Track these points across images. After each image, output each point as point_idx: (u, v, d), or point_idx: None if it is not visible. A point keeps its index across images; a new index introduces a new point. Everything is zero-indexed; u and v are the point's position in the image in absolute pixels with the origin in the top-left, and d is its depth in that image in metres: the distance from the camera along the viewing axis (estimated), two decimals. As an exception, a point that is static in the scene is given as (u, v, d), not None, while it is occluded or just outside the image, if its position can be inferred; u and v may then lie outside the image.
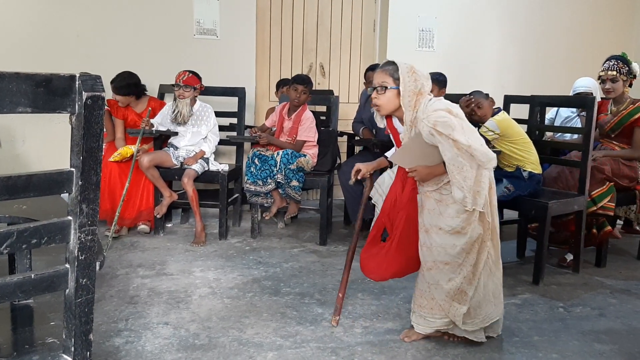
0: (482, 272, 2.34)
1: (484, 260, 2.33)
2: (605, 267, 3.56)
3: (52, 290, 1.10)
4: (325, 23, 5.26)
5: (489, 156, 2.23)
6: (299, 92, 3.91)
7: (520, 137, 3.36)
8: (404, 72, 2.29)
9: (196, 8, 4.75)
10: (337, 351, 2.33)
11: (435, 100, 2.29)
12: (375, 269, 2.45)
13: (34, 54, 4.36)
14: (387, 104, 2.35)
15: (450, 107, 2.26)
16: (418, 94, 2.29)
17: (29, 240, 1.05)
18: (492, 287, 2.40)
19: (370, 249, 2.49)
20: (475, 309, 2.36)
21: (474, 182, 2.22)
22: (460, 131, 2.20)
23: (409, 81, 2.28)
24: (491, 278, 2.39)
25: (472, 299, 2.34)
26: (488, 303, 2.38)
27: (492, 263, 2.38)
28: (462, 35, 5.46)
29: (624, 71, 3.48)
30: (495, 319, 2.42)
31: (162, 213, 3.92)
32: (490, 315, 2.39)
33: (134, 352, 2.26)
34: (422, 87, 2.30)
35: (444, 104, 2.27)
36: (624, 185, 3.52)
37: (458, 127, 2.20)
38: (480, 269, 2.33)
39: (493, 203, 2.34)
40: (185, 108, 3.93)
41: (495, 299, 2.40)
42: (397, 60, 2.36)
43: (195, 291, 2.95)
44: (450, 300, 2.34)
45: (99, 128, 1.07)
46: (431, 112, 2.23)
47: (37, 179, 1.04)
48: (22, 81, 0.97)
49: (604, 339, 2.53)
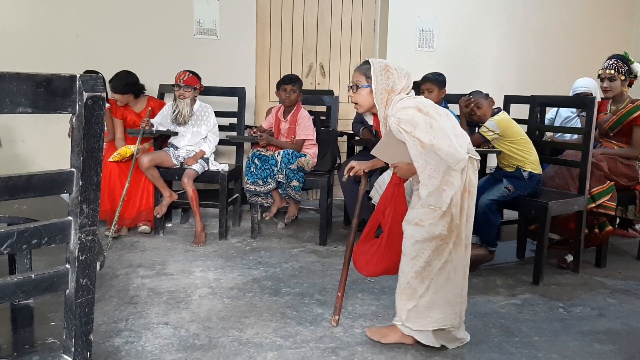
0: (438, 274, 2.29)
1: (441, 262, 2.28)
2: (605, 268, 3.56)
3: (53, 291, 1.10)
4: (325, 23, 5.26)
5: (456, 157, 2.20)
6: (288, 91, 3.92)
7: (520, 137, 3.36)
8: (376, 70, 2.34)
9: (196, 8, 4.75)
10: (337, 351, 2.33)
11: (408, 98, 2.31)
12: (366, 265, 2.48)
13: (34, 54, 4.36)
14: (362, 101, 2.40)
15: (422, 105, 2.27)
16: (390, 92, 2.33)
17: (29, 240, 1.05)
18: (448, 294, 2.31)
19: (363, 245, 2.52)
20: (424, 309, 2.31)
21: (441, 182, 2.22)
22: (425, 129, 2.21)
23: (381, 79, 2.32)
24: (449, 284, 2.31)
25: (422, 298, 2.30)
26: (439, 308, 2.31)
27: (453, 269, 2.31)
28: (462, 35, 5.46)
29: (623, 70, 3.48)
30: (445, 327, 2.33)
31: (162, 213, 3.92)
32: (439, 321, 2.31)
33: (134, 352, 2.26)
34: (394, 85, 2.33)
35: (414, 102, 2.28)
36: (624, 185, 3.52)
37: (422, 125, 2.21)
38: (434, 269, 2.28)
39: (467, 210, 2.30)
40: (186, 108, 3.93)
41: (449, 307, 2.32)
42: (373, 59, 2.40)
43: (195, 291, 2.95)
44: (401, 293, 2.34)
45: (99, 128, 1.07)
46: (399, 109, 2.27)
47: (38, 179, 1.04)
48: (23, 81, 0.97)
49: (603, 339, 2.53)
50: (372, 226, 2.53)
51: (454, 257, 2.31)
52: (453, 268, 2.32)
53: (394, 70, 2.34)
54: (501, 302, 2.95)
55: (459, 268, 2.34)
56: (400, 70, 2.36)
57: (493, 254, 3.39)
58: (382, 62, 2.38)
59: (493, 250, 3.37)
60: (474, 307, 2.85)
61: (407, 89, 2.36)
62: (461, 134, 2.31)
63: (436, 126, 2.23)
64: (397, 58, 5.21)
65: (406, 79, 2.36)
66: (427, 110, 2.26)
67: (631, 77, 3.54)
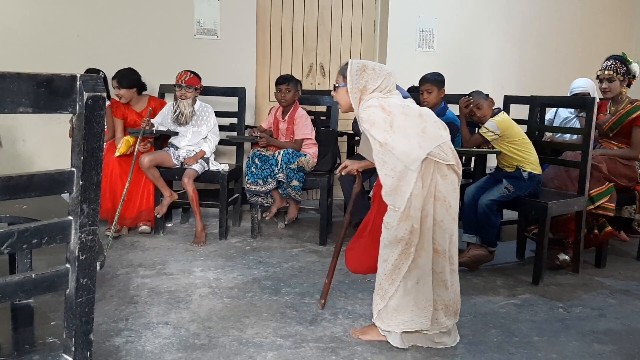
0: (406, 278, 2.29)
1: (407, 265, 2.28)
2: (605, 268, 3.56)
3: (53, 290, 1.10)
4: (325, 23, 5.27)
5: (410, 156, 2.20)
6: (283, 91, 3.93)
7: (520, 137, 3.36)
8: (352, 70, 2.38)
9: (197, 8, 4.75)
10: (337, 351, 2.34)
11: (376, 98, 2.33)
12: (353, 261, 2.53)
13: (35, 54, 4.36)
14: (341, 100, 2.46)
15: (386, 104, 2.29)
16: (362, 91, 2.37)
17: (29, 240, 1.05)
18: (418, 297, 2.31)
19: (355, 242, 2.56)
20: (392, 311, 2.33)
21: (397, 181, 2.23)
22: (382, 128, 2.23)
23: (356, 79, 2.36)
24: (418, 288, 2.31)
25: (391, 300, 2.32)
26: (407, 310, 2.32)
27: (422, 274, 2.30)
28: (462, 35, 5.46)
29: (621, 71, 3.49)
30: (413, 329, 2.33)
31: (162, 213, 3.92)
32: (406, 323, 2.32)
33: (134, 352, 2.27)
34: (366, 84, 2.36)
35: (378, 101, 2.31)
36: (623, 185, 3.52)
37: (380, 124, 2.24)
38: (402, 272, 2.29)
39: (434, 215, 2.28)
40: (188, 108, 3.94)
41: (419, 310, 2.31)
42: (353, 60, 2.45)
43: (195, 291, 2.96)
44: (375, 293, 2.38)
45: (100, 128, 1.07)
46: (364, 108, 2.32)
47: (38, 179, 1.04)
48: (24, 81, 0.98)
49: (603, 340, 2.53)
50: (366, 224, 2.55)
51: (420, 263, 2.29)
52: (422, 273, 2.30)
53: (371, 70, 2.37)
54: (501, 302, 2.95)
55: (427, 273, 2.31)
56: (380, 70, 2.39)
57: (493, 254, 3.39)
58: (360, 62, 2.41)
59: (493, 250, 3.38)
60: (474, 307, 2.85)
61: (383, 89, 2.37)
62: (431, 136, 2.26)
63: (397, 125, 2.24)
64: (397, 58, 5.21)
65: (383, 79, 2.37)
66: (390, 109, 2.28)
67: (630, 78, 3.54)
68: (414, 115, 2.30)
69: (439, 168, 2.27)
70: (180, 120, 3.94)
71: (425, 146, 2.23)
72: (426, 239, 2.28)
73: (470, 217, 3.36)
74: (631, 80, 3.56)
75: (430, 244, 2.29)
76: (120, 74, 4.03)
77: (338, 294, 2.96)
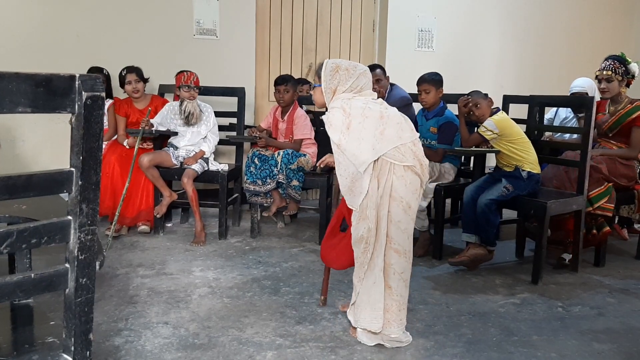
0: (366, 277, 2.36)
1: (366, 263, 2.34)
2: (604, 267, 3.57)
3: (52, 290, 1.10)
4: (324, 23, 5.27)
5: (359, 159, 2.25)
6: (282, 92, 3.93)
7: (519, 136, 3.36)
8: (326, 70, 2.43)
9: (196, 8, 4.75)
10: (337, 350, 2.34)
11: (342, 99, 2.37)
12: (336, 258, 2.55)
13: (34, 54, 4.36)
14: (318, 100, 2.51)
15: (347, 106, 2.33)
16: (334, 91, 2.42)
17: (28, 240, 1.05)
18: (371, 298, 2.35)
19: (331, 239, 2.57)
20: (357, 308, 2.42)
21: (350, 181, 2.30)
22: (339, 129, 2.30)
23: (329, 79, 2.42)
24: (375, 288, 2.35)
25: (358, 297, 2.41)
26: (366, 309, 2.37)
27: (378, 273, 2.34)
28: (461, 35, 5.46)
29: (620, 71, 3.49)
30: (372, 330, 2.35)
31: (162, 213, 3.92)
32: (366, 321, 2.36)
33: (133, 352, 2.27)
34: (338, 85, 2.41)
35: (341, 102, 2.36)
36: (623, 185, 3.53)
37: (337, 125, 2.31)
38: (363, 269, 2.35)
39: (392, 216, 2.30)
40: (197, 109, 3.96)
41: (373, 311, 2.35)
42: (329, 60, 2.49)
43: (195, 291, 2.96)
44: None
45: (98, 128, 1.08)
46: (330, 108, 2.39)
47: (37, 178, 1.04)
48: (22, 81, 0.98)
49: (602, 339, 2.54)
50: (338, 219, 2.58)
51: (378, 263, 2.32)
52: (378, 272, 2.34)
53: (344, 71, 2.41)
54: (500, 301, 2.95)
55: (379, 277, 2.34)
56: (353, 70, 2.41)
57: (492, 253, 3.40)
58: (335, 62, 2.45)
59: (492, 249, 3.38)
60: (473, 307, 2.85)
61: (354, 89, 2.41)
62: (387, 138, 2.27)
63: (352, 127, 2.29)
64: (396, 58, 5.22)
65: (355, 79, 2.40)
66: (351, 111, 2.32)
67: (628, 78, 3.55)
68: (374, 118, 2.30)
69: (395, 169, 2.28)
70: (191, 121, 3.95)
71: (378, 148, 2.25)
72: (382, 238, 2.32)
73: (469, 216, 3.36)
74: (630, 80, 3.57)
75: (383, 245, 2.31)
76: (136, 67, 4.12)
77: (337, 294, 2.96)
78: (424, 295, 3.00)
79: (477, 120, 3.48)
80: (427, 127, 3.80)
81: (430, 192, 3.61)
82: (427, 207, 3.65)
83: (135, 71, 4.11)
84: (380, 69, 4.10)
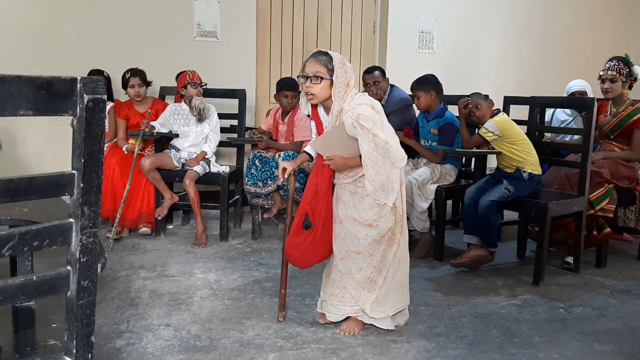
0: (392, 263, 2.46)
1: (393, 252, 2.46)
2: (606, 268, 3.56)
3: (54, 292, 1.10)
4: (325, 25, 5.27)
5: (402, 155, 2.36)
6: (290, 97, 3.92)
7: (520, 138, 3.36)
8: (337, 63, 2.37)
9: (197, 10, 4.76)
10: (338, 352, 2.34)
11: (361, 95, 2.41)
12: (301, 257, 2.53)
13: (35, 56, 4.37)
14: (320, 93, 2.40)
15: (374, 103, 2.38)
16: (347, 86, 2.39)
17: (30, 242, 1.05)
18: (400, 278, 2.52)
19: (295, 238, 2.52)
20: (383, 298, 2.47)
21: (386, 178, 2.34)
22: (381, 127, 2.32)
23: (341, 73, 2.37)
24: (400, 269, 2.51)
25: (381, 288, 2.45)
26: (396, 292, 2.50)
27: (401, 254, 2.50)
28: (461, 36, 5.47)
29: (624, 72, 3.49)
30: (401, 308, 2.54)
31: (163, 215, 3.92)
32: (397, 304, 2.51)
33: (135, 354, 2.27)
34: (349, 79, 2.40)
35: (368, 100, 2.39)
36: (624, 187, 3.52)
37: (379, 123, 2.32)
38: (389, 259, 2.45)
39: (403, 196, 2.48)
40: (206, 104, 3.98)
41: (402, 289, 2.53)
42: (330, 51, 2.44)
43: (196, 293, 2.96)
44: (361, 288, 2.46)
45: (100, 130, 1.08)
46: (356, 105, 2.34)
47: (39, 181, 1.04)
48: (24, 84, 0.98)
49: (604, 340, 2.53)
50: (301, 218, 2.54)
51: (402, 245, 2.50)
52: (401, 253, 2.50)
53: (348, 66, 2.42)
54: (502, 302, 2.95)
55: (405, 252, 2.53)
56: (349, 64, 2.45)
57: (493, 254, 3.39)
58: (339, 54, 2.43)
59: (493, 250, 3.38)
60: (475, 308, 2.85)
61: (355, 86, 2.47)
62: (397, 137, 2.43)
63: (386, 125, 2.37)
64: (397, 60, 5.22)
65: (353, 74, 2.47)
66: (379, 109, 2.38)
67: (632, 80, 3.55)
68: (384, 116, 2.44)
69: None
70: (204, 116, 3.97)
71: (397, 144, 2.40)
72: (405, 222, 2.51)
73: (470, 217, 3.36)
74: (632, 83, 3.57)
75: (406, 226, 2.52)
76: (140, 71, 4.14)
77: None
78: (425, 296, 2.99)
79: (477, 121, 3.48)
80: (427, 129, 3.80)
81: (432, 194, 3.60)
82: (428, 208, 3.65)
83: (139, 75, 4.12)
84: (379, 71, 4.09)
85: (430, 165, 3.72)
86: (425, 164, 3.74)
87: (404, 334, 2.52)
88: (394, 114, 4.01)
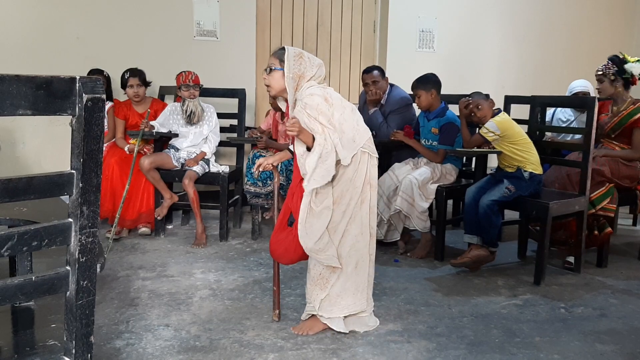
0: (347, 263, 2.44)
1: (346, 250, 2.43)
2: (607, 268, 3.56)
3: (53, 293, 1.10)
4: (325, 24, 5.27)
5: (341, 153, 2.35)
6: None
7: (521, 137, 3.36)
8: (289, 55, 2.45)
9: (196, 10, 4.75)
10: (338, 352, 2.33)
11: (317, 87, 2.44)
12: (284, 253, 2.54)
13: (35, 56, 4.37)
14: (274, 84, 2.50)
15: (328, 95, 2.41)
16: (300, 77, 2.44)
17: (29, 242, 1.05)
18: (358, 280, 2.48)
19: (279, 234, 2.56)
20: (335, 297, 2.45)
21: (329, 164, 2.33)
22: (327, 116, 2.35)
23: (293, 65, 2.44)
24: (358, 271, 2.47)
25: (333, 287, 2.45)
26: (349, 295, 2.47)
27: (359, 257, 2.47)
28: (462, 35, 5.46)
29: (609, 72, 3.53)
30: (355, 312, 2.49)
31: (162, 215, 3.92)
32: (349, 306, 2.47)
33: (134, 354, 2.26)
34: (304, 71, 2.45)
35: (321, 91, 2.42)
36: (625, 186, 3.52)
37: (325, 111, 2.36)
38: (343, 256, 2.43)
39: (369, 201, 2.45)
40: (198, 107, 3.96)
41: (358, 293, 2.49)
42: (289, 46, 2.52)
43: (196, 293, 2.95)
44: (314, 285, 2.48)
45: (99, 130, 1.07)
46: (307, 95, 2.40)
47: (38, 181, 1.04)
48: (23, 84, 0.98)
49: (605, 340, 2.53)
50: (285, 214, 2.57)
51: (359, 247, 2.46)
52: (360, 256, 2.47)
53: (307, 59, 2.48)
54: (502, 302, 2.94)
55: (365, 257, 2.48)
56: (313, 60, 2.50)
57: (494, 254, 3.39)
58: (296, 49, 2.50)
59: (494, 250, 3.37)
60: (475, 308, 2.85)
61: (318, 78, 2.49)
62: (362, 130, 2.45)
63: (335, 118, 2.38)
64: (397, 59, 5.22)
65: (317, 68, 2.49)
66: (332, 101, 2.40)
67: (626, 77, 3.54)
68: (349, 110, 2.45)
69: (371, 158, 2.46)
70: (193, 120, 3.96)
71: (358, 140, 2.41)
72: (364, 223, 2.45)
73: (471, 217, 3.35)
74: (635, 79, 3.55)
75: (367, 228, 2.47)
76: (139, 71, 4.13)
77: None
78: (425, 296, 2.99)
79: (478, 121, 3.47)
80: (428, 128, 3.79)
81: (432, 193, 3.60)
82: (428, 208, 3.64)
83: (138, 75, 4.12)
84: (378, 71, 4.07)
85: (430, 164, 3.71)
86: (426, 164, 3.73)
87: (405, 334, 2.52)
88: (394, 113, 4.01)
